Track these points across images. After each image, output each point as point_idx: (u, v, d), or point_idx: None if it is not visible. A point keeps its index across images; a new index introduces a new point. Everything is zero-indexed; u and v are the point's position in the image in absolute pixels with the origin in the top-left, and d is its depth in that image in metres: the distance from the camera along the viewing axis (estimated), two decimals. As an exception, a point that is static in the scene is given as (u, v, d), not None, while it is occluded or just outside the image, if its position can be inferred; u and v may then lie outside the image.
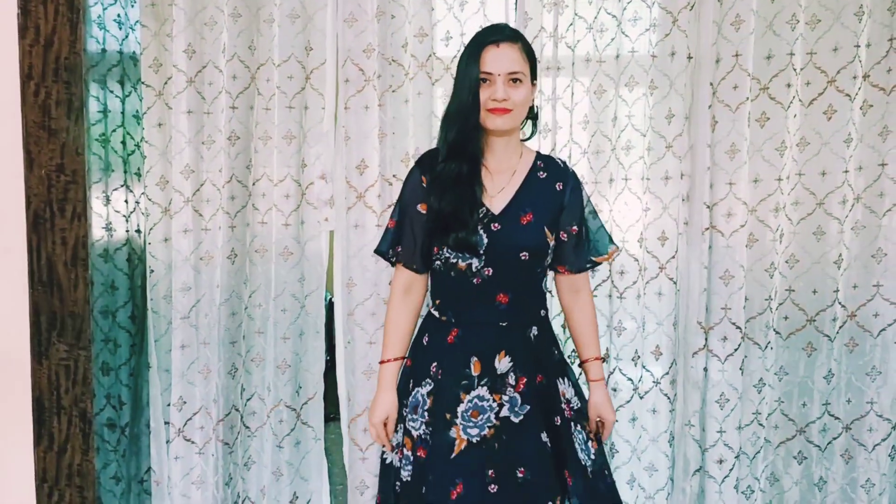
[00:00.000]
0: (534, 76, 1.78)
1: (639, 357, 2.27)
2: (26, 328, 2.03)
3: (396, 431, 1.89)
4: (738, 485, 2.23)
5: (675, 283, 2.25)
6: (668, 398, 2.27)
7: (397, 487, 1.88)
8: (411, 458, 1.83)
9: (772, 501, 2.40)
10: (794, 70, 2.19)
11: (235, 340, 2.39)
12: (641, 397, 2.26)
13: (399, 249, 1.87)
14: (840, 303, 2.26)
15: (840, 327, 2.28)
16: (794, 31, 2.18)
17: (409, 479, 1.83)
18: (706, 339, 2.24)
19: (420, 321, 1.95)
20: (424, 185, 1.82)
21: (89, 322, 2.03)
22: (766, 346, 2.26)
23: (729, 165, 2.20)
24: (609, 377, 2.26)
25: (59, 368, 2.02)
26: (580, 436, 1.86)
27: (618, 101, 2.26)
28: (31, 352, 2.03)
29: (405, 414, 1.87)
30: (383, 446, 1.90)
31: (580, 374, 1.98)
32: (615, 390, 2.25)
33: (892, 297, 2.24)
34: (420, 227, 1.83)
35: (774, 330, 2.28)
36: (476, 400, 1.78)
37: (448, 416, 1.79)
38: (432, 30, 2.28)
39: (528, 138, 1.88)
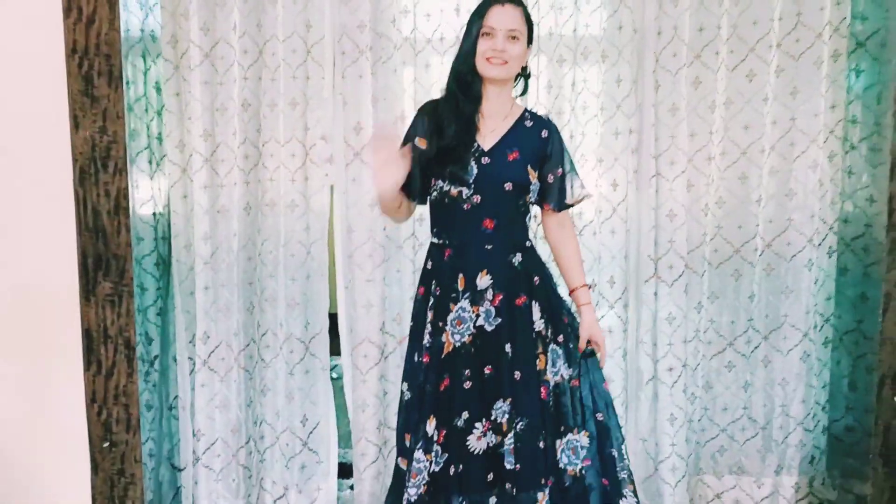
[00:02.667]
0: (530, 40, 2.02)
1: (595, 285, 2.58)
2: (75, 270, 2.26)
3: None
4: (685, 390, 2.59)
5: (625, 222, 2.56)
6: (622, 320, 2.60)
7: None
8: (422, 365, 2.08)
9: (707, 407, 2.78)
10: (722, 40, 2.49)
11: (252, 282, 2.63)
12: (599, 319, 2.59)
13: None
14: (760, 236, 2.62)
15: (760, 255, 2.62)
16: (721, 7, 2.46)
17: (424, 384, 2.07)
18: (655, 268, 2.53)
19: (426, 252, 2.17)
20: (425, 124, 2.04)
21: (131, 263, 2.26)
22: (703, 274, 2.60)
23: (670, 122, 2.48)
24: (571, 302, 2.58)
25: (105, 303, 2.25)
26: (556, 353, 2.09)
27: (575, 69, 2.54)
28: (80, 290, 2.25)
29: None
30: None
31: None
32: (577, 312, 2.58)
33: (801, 228, 2.58)
34: (417, 160, 2.02)
35: (708, 261, 2.64)
36: (460, 311, 2.04)
37: (441, 323, 2.06)
38: (414, 7, 2.57)
39: (521, 94, 2.12)
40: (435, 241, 2.14)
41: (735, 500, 2.78)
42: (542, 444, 2.06)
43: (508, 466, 2.04)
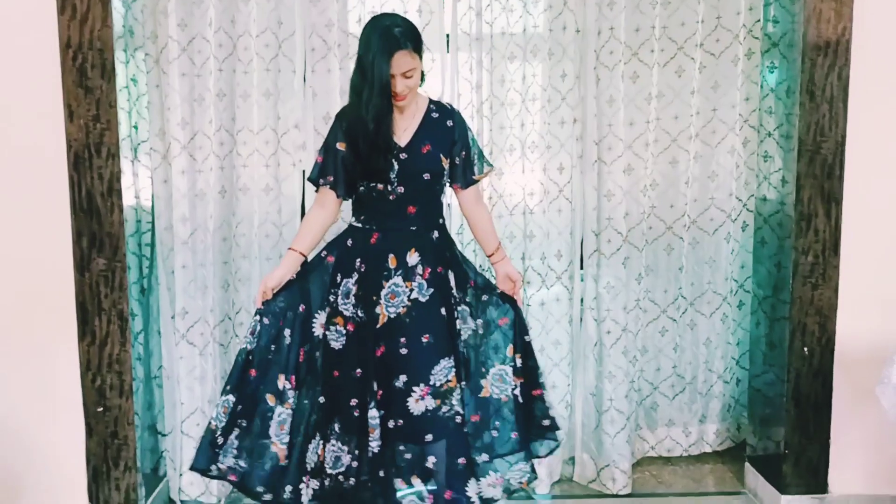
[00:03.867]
0: (420, 57, 2.25)
1: (545, 258, 2.85)
2: (69, 247, 2.44)
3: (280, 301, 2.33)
4: (625, 352, 2.89)
5: (570, 202, 2.85)
6: (568, 289, 2.90)
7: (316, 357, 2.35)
8: (343, 331, 2.32)
9: (643, 368, 3.12)
10: (655, 39, 2.78)
11: (227, 261, 2.81)
12: (548, 288, 2.87)
13: (330, 178, 2.32)
14: (687, 213, 2.96)
15: (687, 230, 2.97)
16: (654, 10, 2.76)
17: (341, 347, 2.32)
18: (598, 244, 2.82)
19: (345, 229, 2.43)
20: (342, 130, 2.29)
21: (124, 240, 2.45)
22: (642, 249, 2.92)
23: (609, 112, 2.75)
24: (525, 272, 2.81)
25: (99, 278, 2.43)
26: (464, 311, 2.41)
27: (525, 65, 2.79)
28: (74, 266, 2.42)
29: (334, 300, 2.33)
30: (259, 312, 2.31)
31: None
32: (528, 283, 2.81)
33: (721, 206, 2.94)
34: (340, 161, 2.30)
35: (646, 239, 2.96)
36: (393, 286, 2.31)
37: (374, 297, 2.31)
38: (381, 8, 2.79)
39: (420, 85, 2.34)
40: (359, 225, 2.38)
41: (667, 449, 3.14)
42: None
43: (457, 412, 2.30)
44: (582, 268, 2.90)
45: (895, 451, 2.59)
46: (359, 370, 2.30)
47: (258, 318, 2.30)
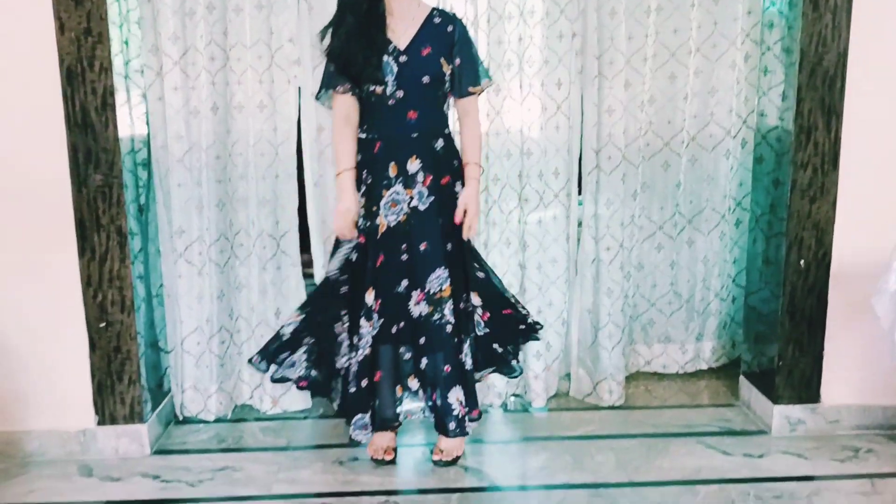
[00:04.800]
0: None
1: (542, 175, 2.84)
2: (66, 164, 2.42)
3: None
4: (622, 268, 2.90)
5: (568, 118, 2.82)
6: (565, 207, 2.90)
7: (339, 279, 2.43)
8: (354, 243, 2.40)
9: (639, 285, 3.15)
10: None
11: (221, 180, 2.79)
12: (546, 206, 2.87)
13: (347, 85, 2.33)
14: (686, 130, 2.94)
15: (686, 147, 2.96)
16: None
17: (354, 258, 2.40)
18: (597, 160, 2.81)
19: None
20: (335, 29, 2.30)
21: (120, 156, 2.43)
22: (638, 165, 2.92)
23: (610, 25, 2.71)
24: (522, 190, 2.81)
25: (97, 194, 2.42)
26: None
27: None
28: (72, 182, 2.41)
29: None
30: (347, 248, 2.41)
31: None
32: (527, 200, 2.81)
33: (721, 122, 2.93)
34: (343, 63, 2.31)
35: (642, 154, 2.96)
36: (394, 195, 2.35)
37: (374, 208, 2.36)
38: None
39: None
40: (364, 136, 2.39)
41: (663, 365, 3.19)
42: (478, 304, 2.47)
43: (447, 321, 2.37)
44: (580, 186, 2.89)
45: (886, 363, 2.63)
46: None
47: (350, 246, 2.39)
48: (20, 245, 2.44)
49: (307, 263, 2.93)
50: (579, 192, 2.91)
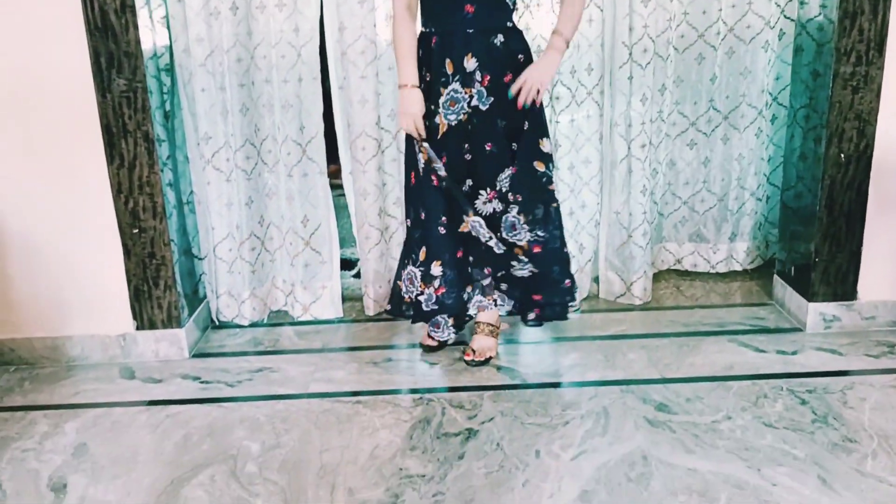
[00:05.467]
0: None
1: (575, 72, 2.76)
2: (88, 69, 2.39)
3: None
4: (655, 165, 2.83)
5: (601, 10, 2.71)
6: (598, 105, 2.82)
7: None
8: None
9: (670, 182, 3.10)
10: None
11: (244, 84, 2.74)
12: (578, 104, 2.79)
13: None
14: (722, 20, 2.84)
15: (722, 39, 2.85)
16: None
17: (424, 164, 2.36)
18: (630, 53, 2.70)
19: None
20: None
21: (142, 60, 2.39)
22: (667, 58, 2.82)
23: None
24: (553, 89, 2.74)
25: (121, 100, 2.40)
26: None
27: None
28: (95, 88, 2.39)
29: None
30: (418, 143, 2.35)
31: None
32: (558, 98, 2.74)
33: (760, 11, 2.80)
34: None
35: (674, 46, 2.84)
36: (452, 93, 2.28)
37: (433, 107, 2.30)
38: None
39: None
40: (423, 30, 2.31)
41: (693, 264, 3.17)
42: (539, 211, 2.37)
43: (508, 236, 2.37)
44: (610, 82, 2.81)
45: (926, 257, 2.59)
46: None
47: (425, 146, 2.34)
48: (50, 154, 2.44)
49: (334, 175, 2.91)
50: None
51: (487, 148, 2.31)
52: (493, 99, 2.28)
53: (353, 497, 1.85)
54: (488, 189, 2.34)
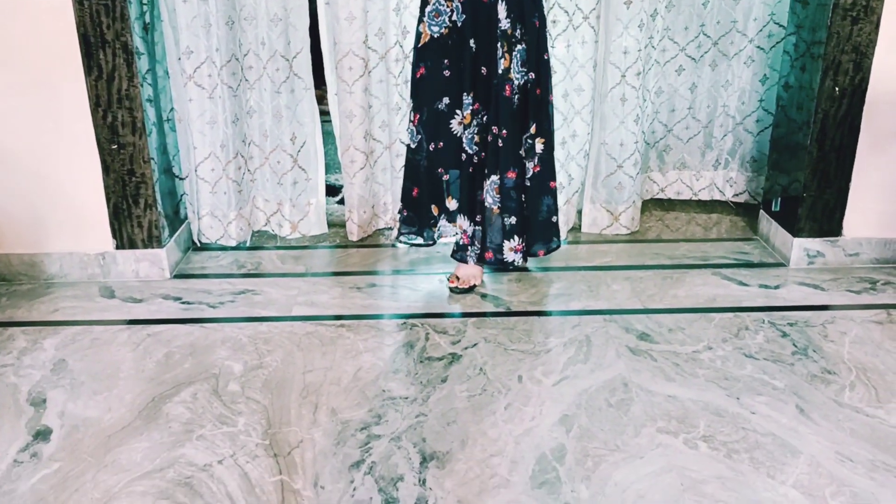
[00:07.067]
0: None
1: (570, -5, 2.72)
2: (64, -27, 2.28)
3: None
4: (645, 92, 2.80)
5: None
6: (594, 29, 2.75)
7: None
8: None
9: (658, 110, 3.06)
10: None
11: (229, -6, 2.66)
12: (575, 28, 2.73)
13: None
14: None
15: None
16: None
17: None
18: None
19: None
20: None
21: (121, -34, 2.30)
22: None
23: None
24: (549, 11, 2.66)
25: (98, 7, 2.30)
26: (520, 54, 2.27)
27: None
28: (72, -6, 2.30)
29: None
30: None
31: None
32: (554, 22, 2.66)
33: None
34: None
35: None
36: (437, 3, 2.24)
37: (420, 15, 2.28)
38: None
39: None
40: None
41: (676, 192, 3.17)
42: (500, 138, 2.32)
43: (469, 151, 2.35)
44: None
45: (912, 195, 2.59)
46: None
47: None
48: (25, 64, 2.35)
49: (319, 100, 2.85)
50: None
51: (459, 65, 2.30)
52: (465, 17, 2.26)
53: (335, 417, 1.85)
54: (457, 110, 2.34)
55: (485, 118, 2.33)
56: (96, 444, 1.76)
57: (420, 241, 2.55)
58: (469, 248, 2.48)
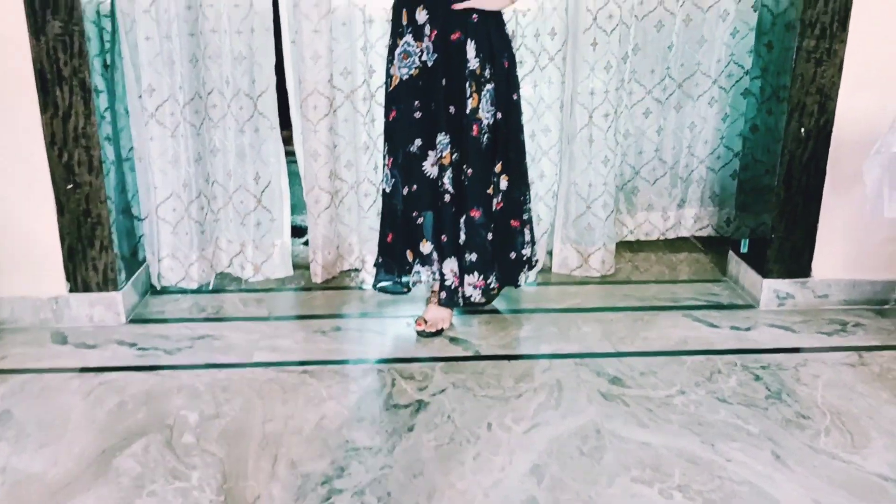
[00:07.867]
0: None
1: (539, 35, 2.67)
2: (21, 9, 2.22)
3: None
4: (615, 135, 2.78)
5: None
6: (560, 70, 2.75)
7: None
8: None
9: (626, 153, 3.06)
10: None
11: (193, 33, 2.60)
12: (542, 69, 2.72)
13: None
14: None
15: (680, 6, 2.84)
16: None
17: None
18: (595, 18, 2.61)
19: None
20: None
21: (80, 1, 2.24)
22: (631, 26, 2.76)
23: None
24: (518, 51, 2.64)
25: (56, 43, 2.24)
26: (489, 94, 2.25)
27: None
28: (28, 30, 2.22)
29: None
30: None
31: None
32: (521, 62, 2.65)
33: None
34: None
35: (634, 14, 2.79)
36: (406, 45, 2.22)
37: (389, 58, 2.25)
38: None
39: None
40: None
41: (645, 233, 3.17)
42: (468, 175, 2.29)
43: (452, 192, 2.32)
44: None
45: (879, 236, 2.59)
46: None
47: None
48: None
49: (286, 141, 2.80)
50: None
51: (432, 107, 2.26)
52: (437, 56, 2.23)
53: (295, 469, 1.76)
54: (430, 152, 2.31)
55: (454, 157, 2.30)
56: (40, 502, 1.65)
57: (398, 288, 2.50)
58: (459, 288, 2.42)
